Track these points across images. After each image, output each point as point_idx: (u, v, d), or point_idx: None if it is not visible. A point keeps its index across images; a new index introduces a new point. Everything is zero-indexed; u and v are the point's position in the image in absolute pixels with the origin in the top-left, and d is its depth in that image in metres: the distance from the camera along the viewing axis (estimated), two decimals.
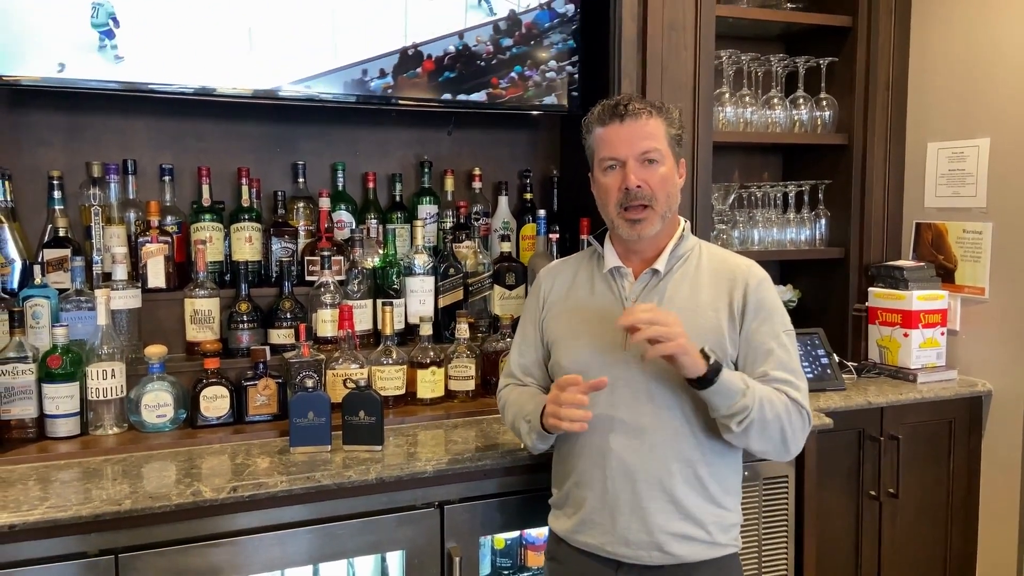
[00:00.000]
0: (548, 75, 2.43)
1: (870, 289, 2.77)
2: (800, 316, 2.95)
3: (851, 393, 2.51)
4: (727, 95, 2.70)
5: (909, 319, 2.65)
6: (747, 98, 2.73)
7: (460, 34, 2.31)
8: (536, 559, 2.10)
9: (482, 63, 2.34)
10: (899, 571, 2.59)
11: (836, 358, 2.62)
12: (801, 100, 2.82)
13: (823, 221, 2.89)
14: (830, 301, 2.92)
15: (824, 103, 2.84)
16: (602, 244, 1.68)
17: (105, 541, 1.58)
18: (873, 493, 2.51)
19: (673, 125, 1.59)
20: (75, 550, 1.56)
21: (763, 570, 2.21)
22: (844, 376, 2.60)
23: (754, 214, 2.81)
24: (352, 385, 1.89)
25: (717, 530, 1.56)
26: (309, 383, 1.88)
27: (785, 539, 2.23)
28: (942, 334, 2.69)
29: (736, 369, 1.56)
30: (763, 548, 2.20)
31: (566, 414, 1.48)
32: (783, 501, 2.22)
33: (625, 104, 1.56)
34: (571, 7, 2.43)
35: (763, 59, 2.75)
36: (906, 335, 2.66)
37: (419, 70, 2.28)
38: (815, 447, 2.24)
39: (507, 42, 2.37)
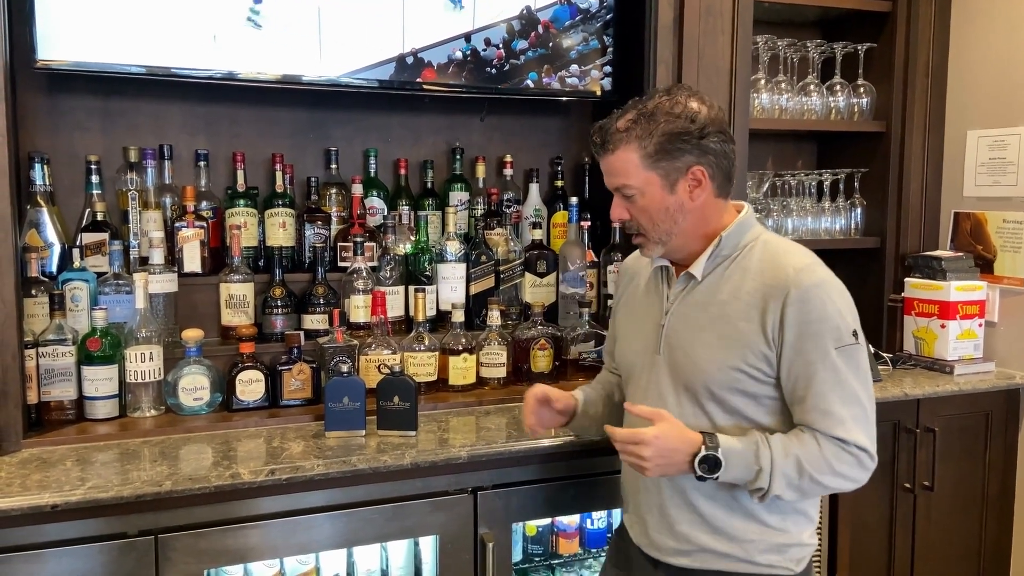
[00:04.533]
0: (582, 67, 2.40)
1: (906, 279, 2.73)
2: None
3: (887, 384, 2.47)
4: (762, 81, 2.66)
5: (946, 310, 2.60)
6: (783, 84, 2.69)
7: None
8: (567, 546, 2.10)
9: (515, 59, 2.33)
10: (933, 564, 2.56)
11: (871, 349, 2.58)
12: (838, 87, 2.77)
13: (859, 210, 2.84)
14: (865, 292, 2.87)
15: (861, 90, 2.79)
16: None
17: (145, 522, 1.60)
18: (908, 485, 2.47)
19: (651, 138, 1.38)
20: (115, 530, 1.58)
21: None
22: (880, 367, 2.57)
23: (788, 203, 2.78)
24: (387, 371, 1.89)
25: (757, 550, 1.43)
26: (344, 368, 1.88)
27: (818, 531, 2.21)
28: (980, 325, 2.64)
29: (776, 391, 1.41)
30: None
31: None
32: None
33: (592, 138, 1.47)
34: None
35: (799, 45, 2.71)
36: (943, 326, 2.61)
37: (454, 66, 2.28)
38: None
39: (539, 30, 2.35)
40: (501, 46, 2.31)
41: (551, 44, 2.36)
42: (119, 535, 1.58)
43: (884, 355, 2.68)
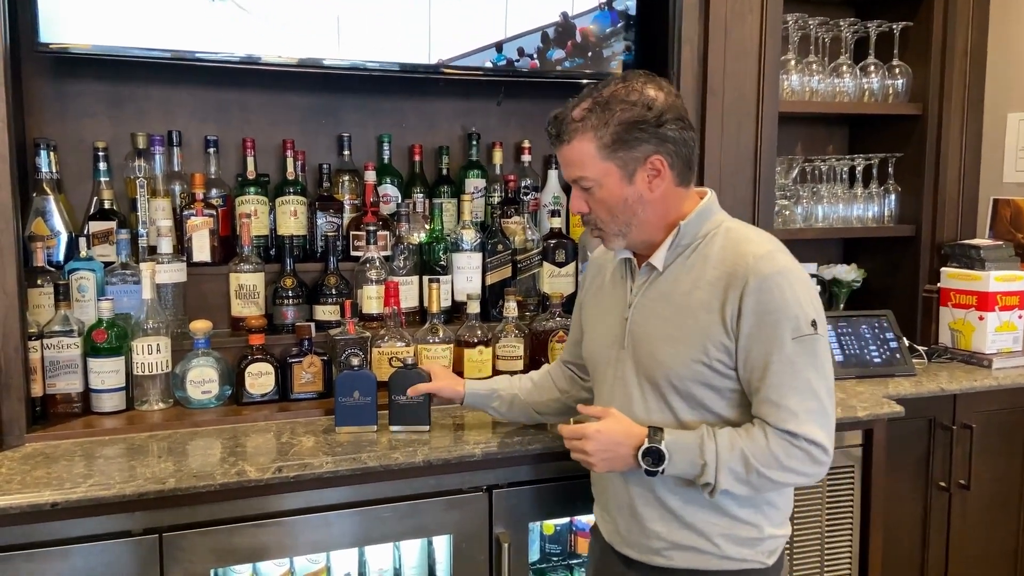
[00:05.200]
0: (604, 50, 2.31)
1: (943, 269, 2.61)
2: (865, 297, 2.81)
3: (922, 379, 2.37)
4: (792, 62, 2.56)
5: (985, 301, 2.49)
6: (814, 65, 2.58)
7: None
8: (586, 545, 2.02)
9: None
10: (967, 565, 2.46)
11: (906, 342, 2.47)
12: (872, 67, 2.65)
13: (892, 197, 2.73)
14: (898, 282, 2.76)
15: (897, 71, 2.67)
16: None
17: (149, 520, 1.55)
18: (943, 484, 2.38)
19: (607, 127, 1.33)
20: (119, 528, 1.53)
21: (825, 563, 2.10)
22: (914, 361, 2.46)
23: (818, 189, 2.67)
24: (399, 363, 1.82)
25: (727, 543, 1.41)
26: (355, 361, 1.82)
27: (849, 531, 2.12)
28: (1020, 317, 2.53)
29: (739, 384, 1.37)
30: (825, 540, 2.10)
31: None
32: (848, 493, 2.11)
33: (547, 128, 1.42)
34: None
35: (832, 23, 2.59)
36: (981, 318, 2.50)
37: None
38: (884, 437, 2.12)
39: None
40: (536, 55, 2.23)
41: (590, 54, 2.26)
42: (123, 533, 1.53)
43: (919, 348, 2.57)
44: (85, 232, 2.03)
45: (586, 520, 2.01)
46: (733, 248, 1.38)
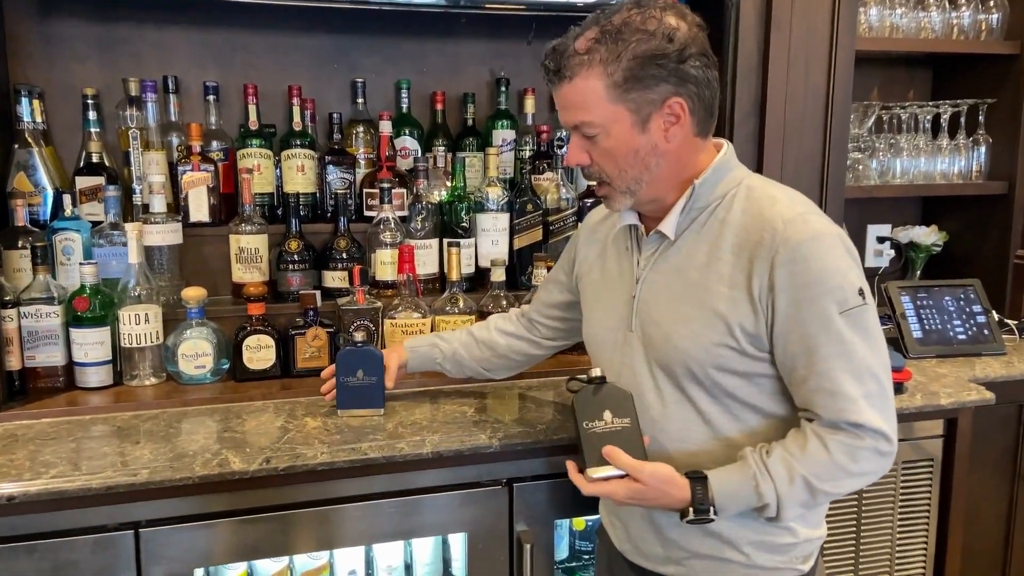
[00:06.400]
0: None
1: None
2: (947, 264, 2.50)
3: (1012, 359, 2.07)
4: None
5: None
6: None
7: None
8: None
9: None
10: None
11: (995, 315, 2.16)
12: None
13: (982, 149, 2.39)
14: (986, 246, 2.43)
15: (991, 3, 2.32)
16: None
17: (124, 514, 1.37)
18: None
19: (620, 62, 1.10)
20: (93, 523, 1.36)
21: (895, 568, 1.85)
22: (1004, 337, 2.15)
23: (897, 140, 2.34)
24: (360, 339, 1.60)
25: (758, 551, 1.22)
26: (359, 336, 1.61)
27: (925, 534, 1.86)
28: None
29: (774, 369, 1.16)
30: (896, 544, 1.84)
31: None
32: (925, 491, 1.84)
33: (544, 62, 1.17)
34: None
35: None
36: None
37: None
38: (969, 427, 1.84)
39: None
40: None
41: None
42: (98, 528, 1.37)
43: (1009, 322, 2.26)
44: (72, 189, 1.85)
45: None
46: (757, 211, 1.16)
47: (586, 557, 1.81)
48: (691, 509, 1.13)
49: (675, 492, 1.13)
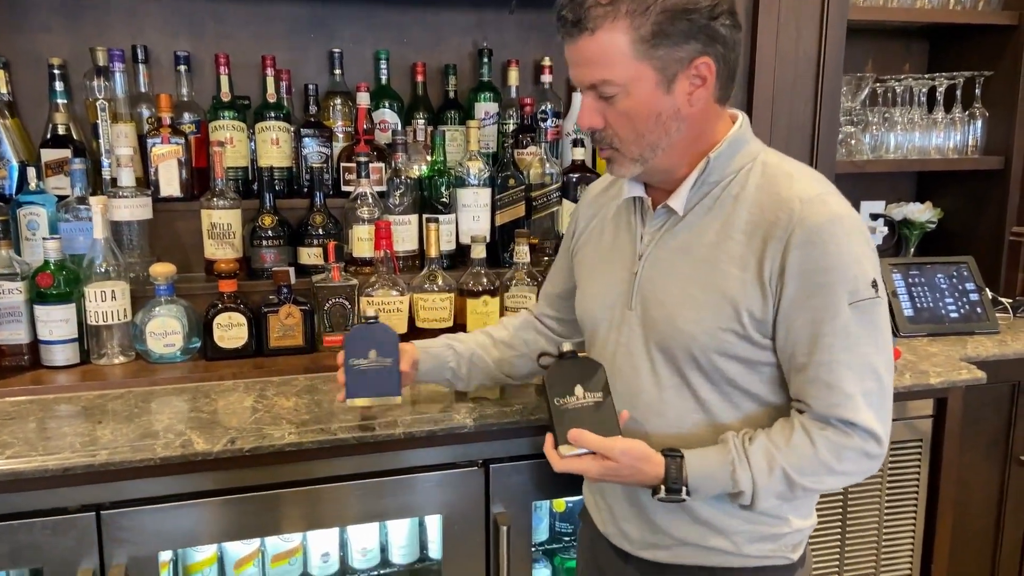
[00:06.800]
0: None
1: None
2: (941, 240, 2.45)
3: (1006, 338, 2.03)
4: None
5: None
6: None
7: None
8: None
9: None
10: None
11: (989, 293, 2.11)
12: None
13: (979, 123, 2.33)
14: (981, 223, 2.38)
15: None
16: None
17: (89, 495, 1.33)
18: None
19: (648, 15, 1.01)
20: (53, 504, 1.32)
21: (882, 551, 1.82)
22: (998, 316, 2.11)
23: (891, 114, 2.28)
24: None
25: (748, 540, 1.17)
26: (371, 311, 1.40)
27: (913, 515, 1.83)
28: None
29: (776, 357, 1.11)
30: (884, 524, 1.81)
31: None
32: (913, 471, 1.81)
33: (561, 12, 1.06)
34: None
35: None
36: None
37: None
38: (960, 407, 1.79)
39: None
40: None
41: None
42: (58, 510, 1.33)
43: (1003, 300, 2.21)
44: (38, 162, 1.80)
45: None
46: (772, 189, 1.09)
47: (567, 539, 1.78)
48: (662, 487, 1.08)
49: (649, 469, 1.09)
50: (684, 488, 1.08)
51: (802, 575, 1.23)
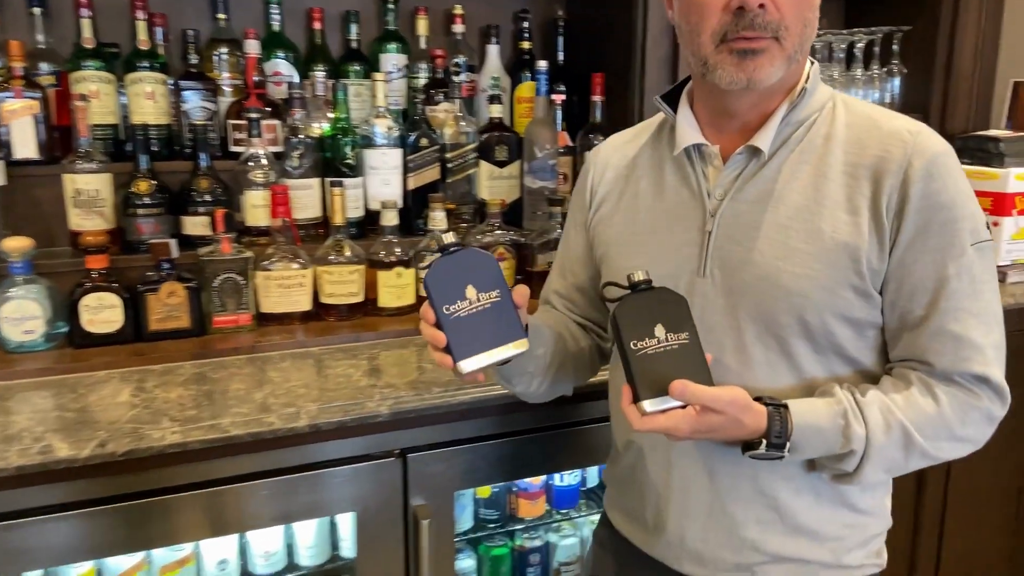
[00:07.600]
0: None
1: None
2: None
3: None
4: None
5: (1001, 203, 2.11)
6: None
7: None
8: (530, 508, 1.67)
9: None
10: (957, 559, 2.19)
11: None
12: None
13: (897, 80, 2.30)
14: None
15: None
16: (675, 109, 1.07)
17: None
18: None
19: None
20: None
21: None
22: None
23: None
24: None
25: (846, 548, 1.04)
26: (448, 238, 0.98)
27: None
28: None
29: (883, 307, 0.97)
30: None
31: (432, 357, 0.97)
32: None
33: None
34: None
35: None
36: (995, 224, 2.12)
37: None
38: None
39: None
40: None
41: None
42: None
43: None
44: None
45: (529, 479, 1.64)
46: (869, 124, 0.98)
47: (492, 526, 1.66)
48: (763, 441, 0.92)
49: (749, 421, 0.91)
50: (787, 443, 0.92)
51: None
